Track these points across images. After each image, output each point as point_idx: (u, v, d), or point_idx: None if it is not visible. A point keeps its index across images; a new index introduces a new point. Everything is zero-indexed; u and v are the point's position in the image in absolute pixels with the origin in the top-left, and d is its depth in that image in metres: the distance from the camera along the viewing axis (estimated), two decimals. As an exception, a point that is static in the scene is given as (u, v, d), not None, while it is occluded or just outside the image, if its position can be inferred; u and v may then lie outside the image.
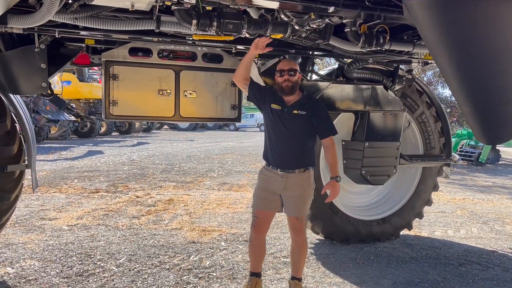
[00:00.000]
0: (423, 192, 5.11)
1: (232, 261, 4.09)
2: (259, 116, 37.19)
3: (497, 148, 14.13)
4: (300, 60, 4.35)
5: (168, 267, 3.88)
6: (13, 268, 3.72)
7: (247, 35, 2.92)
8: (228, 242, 4.68)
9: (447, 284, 3.73)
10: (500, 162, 14.39)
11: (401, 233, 5.13)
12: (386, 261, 4.30)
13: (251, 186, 8.28)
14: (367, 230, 4.85)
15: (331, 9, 2.32)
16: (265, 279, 3.67)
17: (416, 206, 5.09)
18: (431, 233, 5.44)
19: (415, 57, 4.09)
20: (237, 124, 30.45)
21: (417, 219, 5.22)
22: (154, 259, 4.07)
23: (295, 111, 3.02)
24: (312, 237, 4.94)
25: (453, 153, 5.31)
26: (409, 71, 4.60)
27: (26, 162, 3.56)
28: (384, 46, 3.04)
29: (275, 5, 2.51)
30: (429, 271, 4.04)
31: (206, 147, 16.94)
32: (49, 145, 15.27)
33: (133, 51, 3.50)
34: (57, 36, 3.10)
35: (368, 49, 3.14)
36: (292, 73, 3.01)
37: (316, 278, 3.76)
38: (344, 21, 2.77)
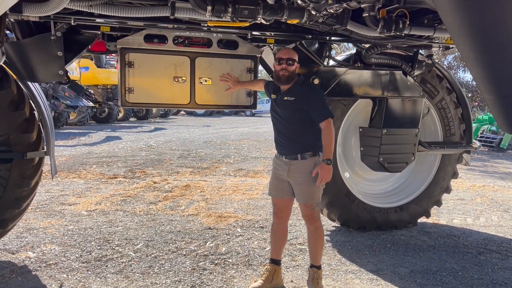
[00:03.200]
0: (442, 179, 5.02)
1: (248, 247, 4.11)
2: (275, 101, 37.07)
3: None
4: (317, 45, 4.28)
5: (184, 253, 3.92)
6: (34, 253, 3.82)
7: (263, 21, 2.87)
8: (244, 228, 4.70)
9: (466, 273, 3.68)
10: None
11: (419, 220, 5.07)
12: (403, 249, 4.26)
13: (267, 172, 8.28)
14: (384, 218, 4.80)
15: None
16: (282, 264, 3.68)
17: (434, 193, 5.01)
18: (449, 221, 5.36)
19: (436, 41, 3.97)
20: (253, 110, 30.37)
21: (435, 206, 5.14)
22: (171, 244, 4.12)
23: (285, 97, 3.07)
24: (329, 224, 4.93)
25: (473, 140, 5.19)
26: (429, 56, 4.48)
27: (45, 149, 3.61)
28: (404, 31, 2.95)
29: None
30: (447, 260, 3.99)
31: (222, 133, 16.97)
32: (68, 130, 15.52)
33: (148, 38, 3.48)
34: (72, 24, 3.10)
35: (387, 34, 3.06)
36: (290, 62, 3.00)
37: (332, 266, 3.75)
38: (362, 5, 2.69)
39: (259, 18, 2.77)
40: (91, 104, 17.72)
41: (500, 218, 5.56)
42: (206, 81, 3.62)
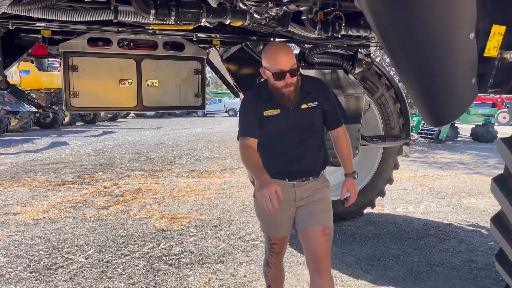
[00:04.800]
0: (384, 171, 5.32)
1: (202, 246, 4.17)
2: (227, 101, 37.08)
3: (455, 125, 14.74)
4: (262, 46, 4.40)
5: (138, 255, 3.91)
6: (-23, 266, 3.66)
7: (207, 24, 2.94)
8: (198, 228, 4.75)
9: (407, 257, 3.95)
10: (458, 139, 15.01)
11: (365, 211, 5.34)
12: (350, 239, 4.49)
13: (221, 172, 8.35)
14: (333, 210, 5.01)
15: (286, -1, 2.39)
16: (234, 262, 3.78)
17: (378, 185, 5.30)
18: (393, 210, 5.69)
19: (373, 41, 4.21)
20: (205, 109, 30.26)
21: (379, 197, 5.44)
22: (123, 248, 4.09)
23: (305, 105, 2.24)
24: (280, 219, 5.07)
25: (411, 133, 5.54)
26: (368, 55, 4.74)
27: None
28: (340, 32, 3.12)
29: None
30: (390, 246, 4.25)
31: (174, 134, 16.80)
32: (10, 137, 14.75)
33: (92, 41, 3.45)
34: (11, 28, 3.01)
35: (325, 35, 3.22)
36: (295, 70, 2.16)
37: (284, 259, 3.89)
38: (301, 8, 2.83)
39: (203, 21, 2.84)
40: (33, 109, 16.92)
41: (438, 204, 5.97)
42: (153, 83, 3.64)
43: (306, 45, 4.47)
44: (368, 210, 5.40)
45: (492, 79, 2.04)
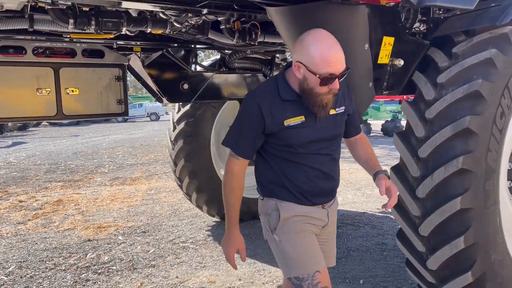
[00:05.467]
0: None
1: (131, 253, 4.16)
2: (148, 105, 36.13)
3: (368, 122, 15.92)
4: (183, 52, 4.49)
5: (64, 268, 3.81)
6: None
7: (128, 32, 2.98)
8: (126, 235, 4.71)
9: (327, 246, 4.29)
10: (371, 134, 16.21)
11: (289, 206, 5.65)
12: (276, 233, 4.75)
13: (146, 178, 8.24)
14: (248, 209, 5.25)
15: (205, 11, 2.52)
16: (165, 265, 3.84)
17: (299, 181, 5.64)
18: (314, 204, 6.08)
19: (287, 47, 4.51)
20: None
21: (301, 192, 5.78)
22: (47, 262, 3.95)
23: (333, 111, 1.83)
24: (209, 219, 5.20)
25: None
26: (284, 59, 5.04)
27: None
28: (257, 40, 3.33)
29: (147, 7, 2.62)
30: (312, 237, 4.58)
31: (93, 141, 16.10)
32: None
33: (3, 49, 3.30)
34: None
35: (242, 43, 3.41)
36: (344, 74, 1.71)
37: (214, 257, 4.03)
38: (219, 18, 2.99)
39: (123, 30, 2.87)
40: None
41: (353, 196, 6.49)
42: (73, 91, 3.57)
43: (226, 50, 4.65)
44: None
45: (386, 82, 2.38)
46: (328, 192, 1.93)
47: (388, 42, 2.24)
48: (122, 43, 3.66)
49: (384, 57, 2.25)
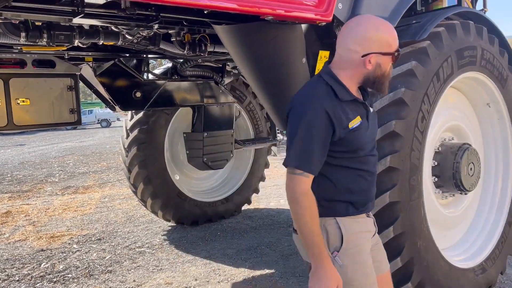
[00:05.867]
0: (257, 170, 5.91)
1: (87, 260, 4.19)
2: (98, 111, 35.17)
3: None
4: (135, 61, 4.59)
5: (17, 278, 3.79)
6: None
7: (80, 44, 3.06)
8: (81, 243, 4.72)
9: (279, 243, 4.53)
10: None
11: (243, 208, 5.86)
12: (231, 234, 4.93)
13: (99, 186, 8.16)
14: (214, 210, 5.42)
15: (156, 26, 2.67)
16: (122, 270, 3.91)
17: (252, 183, 5.87)
18: (267, 205, 6.32)
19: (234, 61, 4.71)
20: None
21: (255, 194, 6.01)
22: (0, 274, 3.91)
23: (371, 108, 1.81)
24: (165, 224, 5.30)
25: (278, 134, 6.25)
26: (235, 67, 5.25)
27: None
28: (207, 51, 3.51)
29: (99, 23, 2.72)
30: (265, 236, 4.80)
31: (41, 150, 15.54)
32: None
33: None
34: None
35: (193, 54, 3.58)
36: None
37: (170, 260, 4.15)
38: (170, 31, 3.14)
39: (76, 42, 2.95)
40: None
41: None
42: (24, 101, 3.58)
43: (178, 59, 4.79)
44: (245, 207, 5.93)
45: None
46: (374, 197, 1.84)
47: (324, 56, 2.49)
48: (73, 53, 3.71)
49: (320, 68, 2.51)
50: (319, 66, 2.48)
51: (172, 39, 3.25)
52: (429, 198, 3.00)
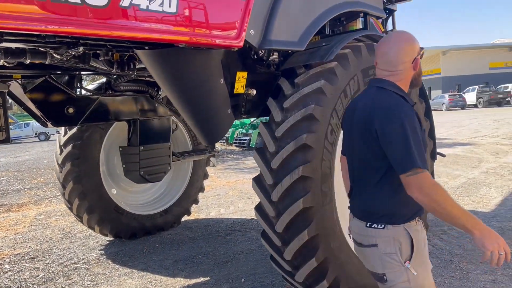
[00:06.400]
0: (196, 181, 6.05)
1: (19, 279, 4.12)
2: (36, 124, 33.48)
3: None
4: (67, 77, 4.59)
5: None
6: None
7: (6, 64, 3.08)
8: (13, 263, 4.61)
9: (216, 252, 4.69)
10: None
11: (182, 219, 5.96)
12: (169, 245, 5.03)
13: (34, 203, 7.89)
14: (152, 223, 5.48)
15: (81, 48, 2.77)
16: (56, 287, 3.89)
17: (192, 194, 5.99)
18: (207, 214, 6.46)
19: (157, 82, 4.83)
20: (10, 137, 26.71)
21: (195, 205, 6.13)
22: None
23: None
24: (102, 239, 5.28)
25: (216, 145, 6.42)
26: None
27: None
28: (135, 69, 3.63)
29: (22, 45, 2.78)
30: (203, 245, 4.95)
31: (-29, 167, 14.62)
32: None
33: None
34: None
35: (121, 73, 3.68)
36: None
37: (106, 274, 4.18)
38: (98, 52, 3.24)
39: (1, 62, 2.97)
40: None
41: (244, 204, 7.01)
42: None
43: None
44: (185, 218, 6.03)
45: (243, 108, 2.86)
46: None
47: (242, 76, 2.72)
48: (2, 71, 3.69)
49: (239, 88, 2.73)
50: (238, 85, 2.71)
51: (100, 58, 3.34)
52: (342, 202, 3.32)
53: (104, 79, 5.26)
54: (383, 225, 1.82)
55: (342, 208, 3.07)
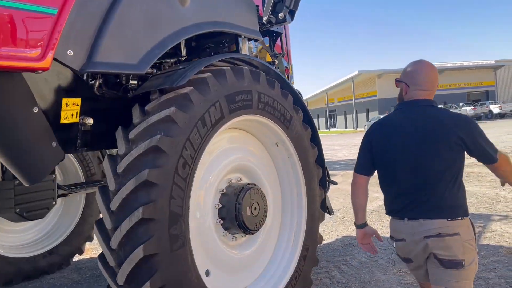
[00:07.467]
0: (90, 216, 5.48)
1: None
2: None
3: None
4: None
5: None
6: None
7: None
8: None
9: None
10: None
11: (75, 259, 5.36)
12: (47, 292, 4.43)
13: None
14: (32, 266, 4.84)
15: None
16: None
17: (84, 230, 5.41)
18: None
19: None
20: None
21: (88, 242, 5.55)
22: None
23: None
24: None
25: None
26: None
27: None
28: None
29: None
30: (86, 290, 4.41)
31: None
32: None
33: None
34: None
35: None
36: None
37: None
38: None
39: None
40: None
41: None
42: None
43: None
44: (78, 257, 5.44)
45: (79, 140, 2.46)
46: None
47: (72, 103, 2.34)
48: None
49: (69, 116, 2.35)
50: (67, 114, 2.32)
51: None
52: (214, 242, 2.98)
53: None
54: (461, 217, 2.27)
55: (215, 248, 2.73)
